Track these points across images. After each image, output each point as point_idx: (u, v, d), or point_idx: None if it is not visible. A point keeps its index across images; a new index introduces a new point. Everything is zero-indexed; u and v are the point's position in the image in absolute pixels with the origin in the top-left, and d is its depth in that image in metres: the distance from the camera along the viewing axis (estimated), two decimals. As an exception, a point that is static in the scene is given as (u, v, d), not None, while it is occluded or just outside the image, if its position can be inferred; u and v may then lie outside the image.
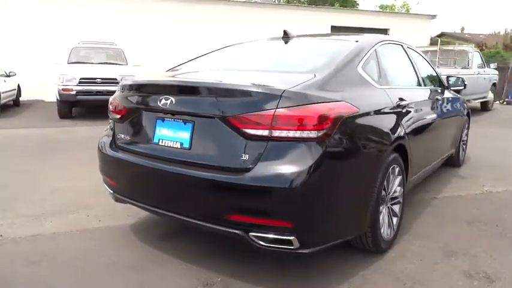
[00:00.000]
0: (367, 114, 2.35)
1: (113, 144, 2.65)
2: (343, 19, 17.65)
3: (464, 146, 5.28)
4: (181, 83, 2.35)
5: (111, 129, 2.72)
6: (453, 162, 4.97)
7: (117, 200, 2.73)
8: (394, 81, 3.03)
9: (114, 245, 2.78)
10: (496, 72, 12.82)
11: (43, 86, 12.38)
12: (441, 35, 29.52)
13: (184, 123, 2.24)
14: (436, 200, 3.87)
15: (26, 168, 4.90)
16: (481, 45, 22.85)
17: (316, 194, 1.98)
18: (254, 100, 2.02)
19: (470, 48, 11.37)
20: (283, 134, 1.96)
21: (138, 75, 2.98)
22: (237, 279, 2.32)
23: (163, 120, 2.34)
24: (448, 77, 4.31)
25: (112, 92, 2.87)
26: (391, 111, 2.66)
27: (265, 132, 1.97)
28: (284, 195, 1.93)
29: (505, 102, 14.81)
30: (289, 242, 2.00)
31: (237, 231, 2.05)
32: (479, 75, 11.10)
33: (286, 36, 3.15)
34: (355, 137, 2.19)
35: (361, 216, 2.31)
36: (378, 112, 2.49)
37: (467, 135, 5.36)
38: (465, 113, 4.95)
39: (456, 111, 4.49)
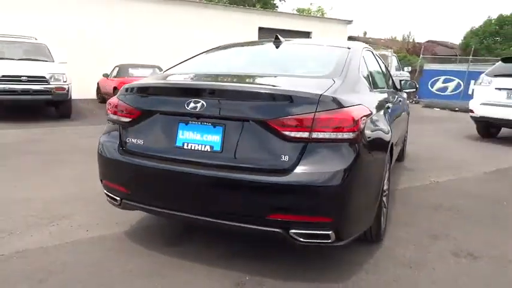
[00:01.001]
0: (375, 115, 2.57)
1: (121, 148, 2.53)
2: (270, 21, 18.21)
3: (405, 142, 5.87)
4: (214, 87, 2.33)
5: (117, 133, 2.59)
6: (399, 156, 5.51)
7: (124, 207, 2.62)
8: (377, 85, 3.32)
9: (120, 255, 2.65)
10: (409, 74, 14.27)
11: None
12: (348, 38, 31.85)
13: (214, 127, 2.24)
14: (398, 191, 4.28)
15: (-32, 178, 4.36)
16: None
17: (352, 190, 2.14)
18: (292, 104, 2.11)
19: (389, 53, 12.52)
20: (322, 135, 2.08)
21: (150, 77, 2.87)
22: (266, 277, 2.38)
23: (187, 124, 2.31)
24: (400, 80, 4.79)
25: (39, 92, 2.72)
26: (384, 112, 2.93)
27: (305, 134, 2.07)
28: (327, 192, 2.05)
29: (413, 102, 16.53)
30: (327, 236, 2.13)
31: (277, 230, 2.13)
32: (396, 77, 12.25)
33: (278, 41, 3.26)
34: (372, 136, 2.39)
35: (373, 208, 2.53)
36: (379, 113, 2.73)
37: (407, 132, 5.96)
38: (408, 111, 5.53)
39: (405, 110, 5.00)
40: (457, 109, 13.63)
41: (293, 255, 2.66)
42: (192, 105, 2.23)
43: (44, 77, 8.56)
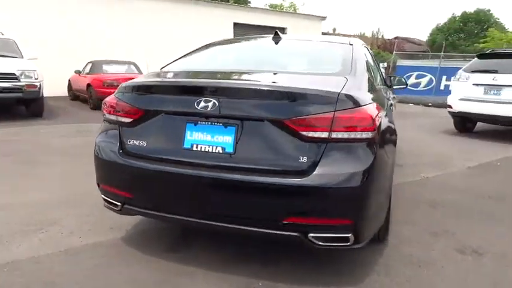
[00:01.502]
0: (384, 113, 2.53)
1: (121, 150, 2.38)
2: (245, 17, 18.08)
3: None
4: (228, 85, 2.21)
5: (116, 134, 2.43)
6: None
7: (126, 213, 2.47)
8: (377, 82, 3.29)
9: (120, 263, 2.50)
10: (384, 70, 14.51)
11: None
12: (322, 34, 32.23)
13: (225, 127, 2.13)
14: (392, 187, 4.30)
15: None
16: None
17: (372, 191, 2.08)
18: (310, 102, 2.03)
19: (366, 49, 12.65)
20: (341, 135, 2.01)
21: (148, 75, 2.69)
22: (279, 282, 2.30)
23: (195, 124, 2.19)
24: (390, 76, 4.79)
25: (9, 90, 2.55)
26: (388, 109, 2.90)
27: (324, 134, 2.00)
28: (348, 194, 1.99)
29: (387, 97, 16.83)
30: (346, 239, 2.06)
31: (295, 234, 2.05)
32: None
33: (277, 37, 3.17)
34: (385, 134, 2.35)
35: (385, 208, 2.49)
36: (388, 110, 2.70)
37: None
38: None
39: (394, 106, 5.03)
40: (430, 104, 13.99)
41: (304, 259, 2.59)
42: (202, 104, 2.11)
43: (14, 74, 8.10)
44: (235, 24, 17.89)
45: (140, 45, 15.45)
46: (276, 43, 3.18)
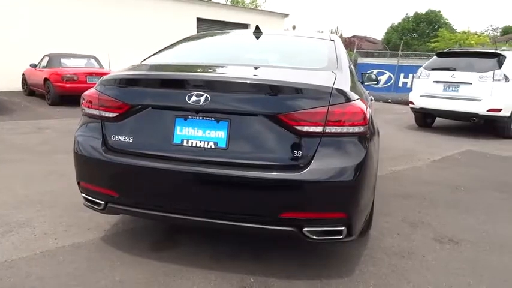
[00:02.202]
0: (369, 107, 2.56)
1: (104, 146, 2.26)
2: (208, 12, 17.86)
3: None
4: (221, 79, 2.14)
5: (98, 129, 2.30)
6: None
7: (109, 212, 2.36)
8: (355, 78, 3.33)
9: (103, 264, 2.39)
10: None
11: None
12: (284, 32, 32.61)
13: (218, 122, 2.07)
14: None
15: None
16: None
17: (364, 184, 2.10)
18: (304, 97, 2.02)
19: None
20: (335, 129, 2.01)
21: (131, 68, 2.56)
22: (271, 277, 2.28)
23: (185, 119, 2.11)
24: (362, 73, 4.88)
25: None
26: (370, 104, 2.95)
27: (319, 129, 1.99)
28: (343, 188, 2.00)
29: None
30: (339, 233, 2.08)
31: (290, 229, 2.03)
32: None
33: (258, 32, 3.13)
34: (372, 128, 2.38)
35: (372, 199, 2.53)
36: (369, 105, 2.73)
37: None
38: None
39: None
40: (389, 101, 14.47)
41: (292, 253, 2.59)
42: (194, 98, 2.04)
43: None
44: (198, 19, 17.63)
45: (100, 38, 14.86)
46: (257, 38, 3.14)
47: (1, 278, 2.21)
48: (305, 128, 1.99)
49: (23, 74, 12.55)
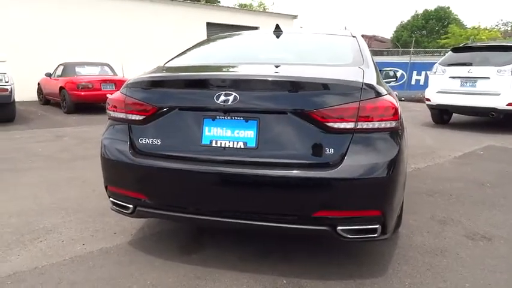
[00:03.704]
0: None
1: (132, 150, 2.24)
2: (218, 16, 17.92)
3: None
4: (249, 77, 2.11)
5: (125, 132, 2.29)
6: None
7: (139, 215, 2.34)
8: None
9: (133, 269, 2.37)
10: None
11: None
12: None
13: (246, 121, 2.04)
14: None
15: None
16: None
17: (398, 180, 2.05)
18: (335, 93, 1.98)
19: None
20: (367, 125, 1.97)
21: (156, 70, 2.55)
22: (303, 278, 2.24)
23: (213, 119, 2.09)
24: (380, 70, 4.80)
25: None
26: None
27: (351, 125, 1.95)
28: (378, 185, 1.95)
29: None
30: (374, 231, 2.02)
31: (324, 228, 1.99)
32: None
33: (278, 30, 3.10)
34: (403, 124, 2.33)
35: (402, 196, 2.47)
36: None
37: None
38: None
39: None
40: (403, 99, 14.30)
41: (321, 252, 2.54)
42: (222, 98, 2.01)
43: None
44: (208, 24, 17.70)
45: (112, 45, 15.02)
46: (278, 37, 3.11)
47: (34, 285, 2.20)
48: (336, 125, 1.95)
49: (38, 84, 12.72)
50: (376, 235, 2.04)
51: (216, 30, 17.66)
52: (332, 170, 1.92)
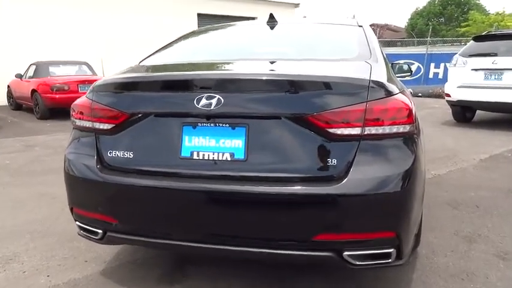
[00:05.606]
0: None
1: (100, 164, 2.12)
2: (209, 7, 17.88)
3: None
4: (235, 77, 2.00)
5: (91, 144, 2.18)
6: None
7: (109, 241, 2.22)
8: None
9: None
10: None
11: None
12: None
13: (233, 128, 1.92)
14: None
15: None
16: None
17: (415, 195, 1.93)
18: (336, 93, 1.86)
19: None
20: (376, 130, 1.85)
21: (128, 71, 2.43)
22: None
23: (194, 127, 1.97)
24: (392, 63, 4.69)
25: None
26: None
27: (357, 131, 1.83)
28: (391, 200, 1.83)
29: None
30: (387, 256, 1.90)
31: (327, 254, 1.87)
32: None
33: (273, 21, 2.99)
34: (418, 126, 2.20)
35: (421, 213, 2.35)
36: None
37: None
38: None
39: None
40: (420, 94, 14.23)
41: (324, 279, 2.42)
42: (204, 101, 1.90)
43: None
44: (199, 15, 17.67)
45: (91, 41, 14.95)
46: (272, 28, 3.00)
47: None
48: (339, 131, 1.84)
49: (8, 86, 12.64)
50: (390, 260, 1.92)
51: (208, 22, 17.61)
52: (335, 184, 1.80)
